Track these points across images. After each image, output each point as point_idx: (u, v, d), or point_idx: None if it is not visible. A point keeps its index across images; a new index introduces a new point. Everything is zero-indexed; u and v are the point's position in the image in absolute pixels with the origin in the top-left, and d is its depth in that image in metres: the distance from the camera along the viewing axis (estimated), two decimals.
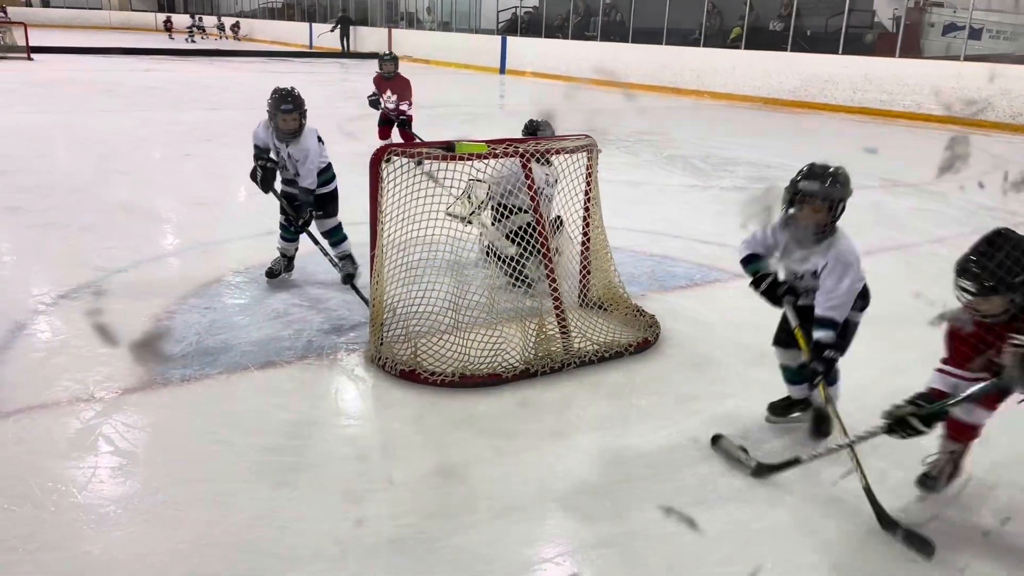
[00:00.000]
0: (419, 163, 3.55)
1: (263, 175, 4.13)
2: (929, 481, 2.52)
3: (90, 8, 36.68)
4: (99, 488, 2.46)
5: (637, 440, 2.85)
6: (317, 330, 3.69)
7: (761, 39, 15.28)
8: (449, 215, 3.58)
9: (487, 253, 3.97)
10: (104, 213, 5.75)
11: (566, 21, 19.59)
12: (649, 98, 15.59)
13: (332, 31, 25.70)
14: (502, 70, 20.26)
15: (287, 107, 4.01)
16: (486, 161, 3.57)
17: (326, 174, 4.28)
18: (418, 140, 7.94)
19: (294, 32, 29.94)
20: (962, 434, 2.47)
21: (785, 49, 14.74)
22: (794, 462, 2.55)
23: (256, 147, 4.18)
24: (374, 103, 8.30)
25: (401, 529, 2.31)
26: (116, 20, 36.47)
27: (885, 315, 3.02)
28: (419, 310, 3.43)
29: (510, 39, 20.50)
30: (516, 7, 21.28)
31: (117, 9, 38.82)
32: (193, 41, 29.02)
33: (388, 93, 8.22)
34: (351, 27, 25.96)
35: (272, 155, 4.18)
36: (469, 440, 2.83)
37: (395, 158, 3.32)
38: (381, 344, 3.35)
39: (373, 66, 8.99)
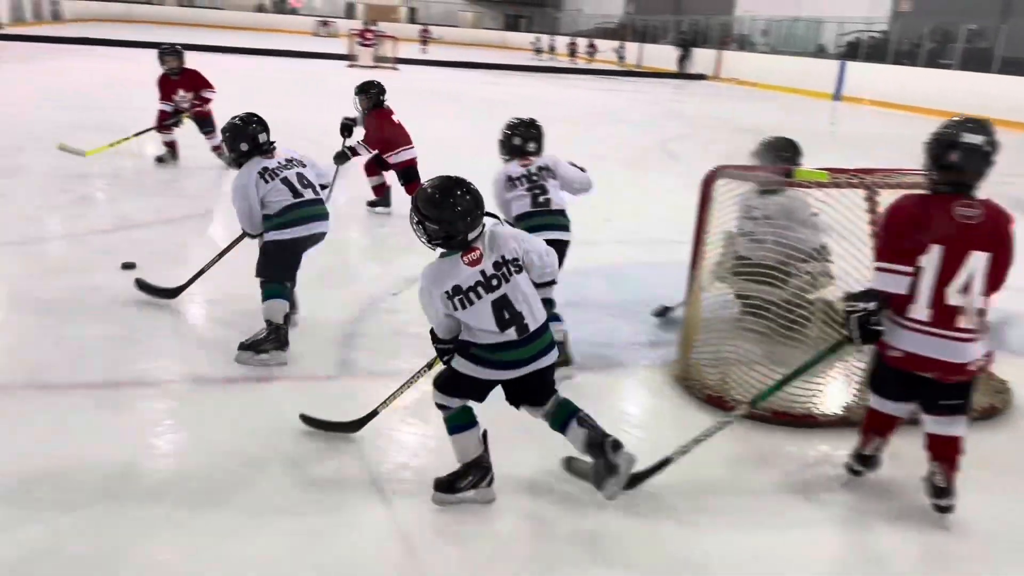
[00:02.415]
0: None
1: None
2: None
3: (447, 25, 40.72)
4: (427, 457, 2.73)
5: (973, 516, 2.53)
6: (626, 341, 3.77)
7: None
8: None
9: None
10: None
11: (918, 47, 17.97)
12: (1016, 136, 13.77)
13: (682, 58, 25.72)
14: (836, 96, 19.10)
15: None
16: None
17: None
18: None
19: (626, 51, 30.68)
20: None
21: None
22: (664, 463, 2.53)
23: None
24: (170, 123, 6.81)
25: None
26: (467, 37, 40.13)
27: None
28: (732, 336, 3.36)
29: (849, 64, 19.27)
30: (860, 31, 19.96)
31: (469, 27, 42.75)
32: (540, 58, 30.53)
33: (180, 92, 6.77)
34: (691, 49, 25.92)
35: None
36: (773, 482, 2.70)
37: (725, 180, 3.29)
38: (689, 365, 3.34)
39: (700, 87, 8.89)
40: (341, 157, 5.28)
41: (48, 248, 4.58)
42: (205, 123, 6.97)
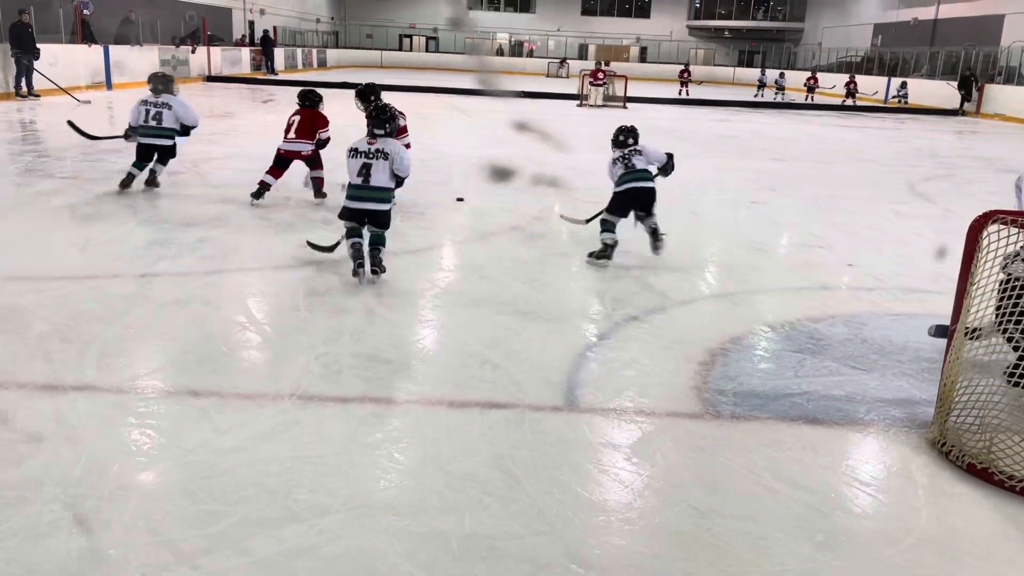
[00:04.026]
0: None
1: None
2: None
3: (678, 63, 40.61)
4: (643, 492, 2.69)
5: None
6: (872, 397, 3.50)
7: None
8: None
9: None
10: (672, 246, 6.31)
11: None
12: None
13: (964, 94, 23.41)
14: None
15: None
16: None
17: None
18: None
19: (869, 86, 28.84)
20: None
21: None
22: None
23: None
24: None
25: None
26: (697, 74, 39.76)
27: None
28: (1000, 401, 3.01)
29: None
30: None
31: (701, 64, 42.33)
32: (783, 95, 27.57)
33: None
34: (973, 84, 23.46)
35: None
36: None
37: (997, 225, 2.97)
38: (947, 429, 3.03)
39: (956, 124, 8.15)
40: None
41: (312, 272, 5.07)
42: None
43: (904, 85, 26.74)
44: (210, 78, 23.42)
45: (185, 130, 7.15)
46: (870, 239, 6.75)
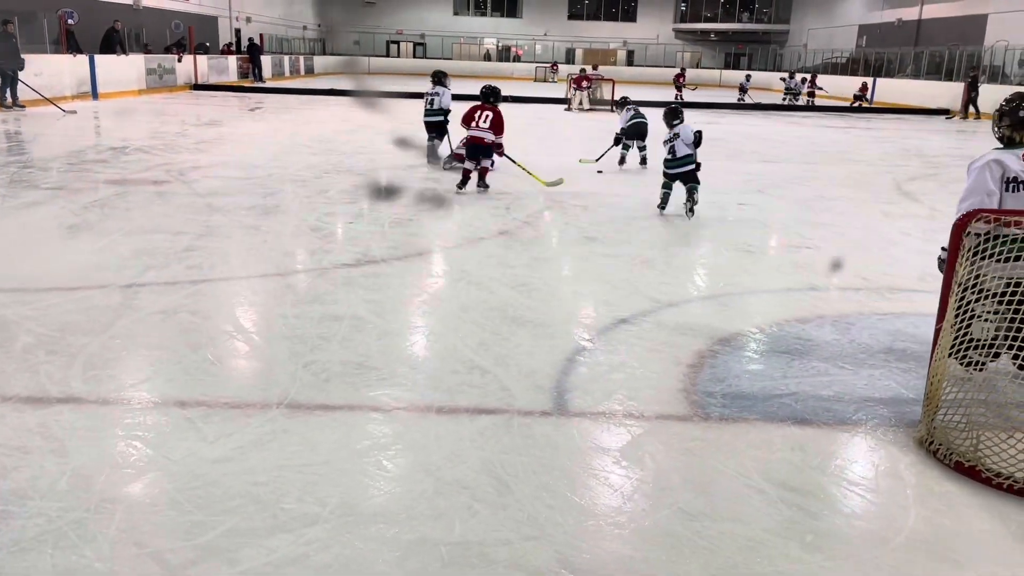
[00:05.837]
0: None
1: None
2: None
3: (664, 66, 40.78)
4: (632, 496, 2.69)
5: None
6: (860, 396, 3.51)
7: None
8: None
9: None
10: (660, 249, 6.33)
11: None
12: None
13: (971, 95, 22.90)
14: None
15: None
16: None
17: None
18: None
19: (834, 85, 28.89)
20: None
21: None
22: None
23: None
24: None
25: None
26: (686, 77, 39.87)
27: None
28: (986, 398, 3.02)
29: None
30: None
31: (689, 66, 42.47)
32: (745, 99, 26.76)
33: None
34: (978, 86, 22.92)
35: None
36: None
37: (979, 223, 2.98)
38: (934, 427, 3.04)
39: (942, 123, 8.20)
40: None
41: (300, 280, 5.06)
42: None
43: (792, 76, 25.22)
44: (197, 86, 23.35)
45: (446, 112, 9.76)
46: (858, 239, 6.78)
